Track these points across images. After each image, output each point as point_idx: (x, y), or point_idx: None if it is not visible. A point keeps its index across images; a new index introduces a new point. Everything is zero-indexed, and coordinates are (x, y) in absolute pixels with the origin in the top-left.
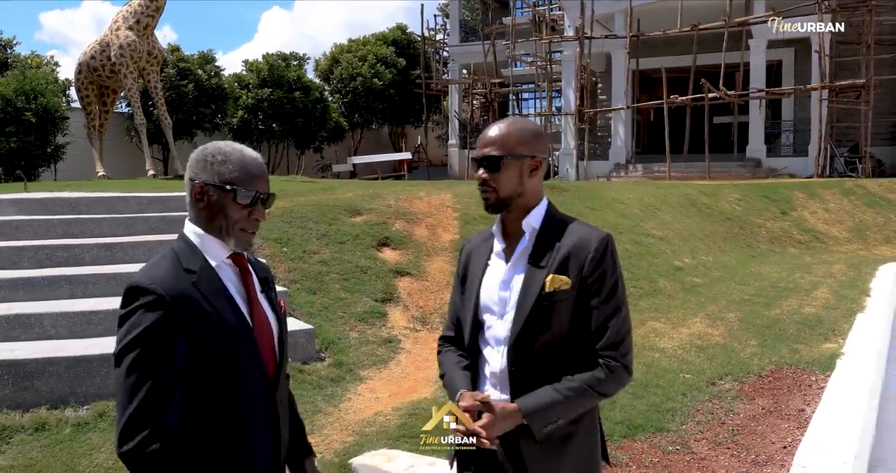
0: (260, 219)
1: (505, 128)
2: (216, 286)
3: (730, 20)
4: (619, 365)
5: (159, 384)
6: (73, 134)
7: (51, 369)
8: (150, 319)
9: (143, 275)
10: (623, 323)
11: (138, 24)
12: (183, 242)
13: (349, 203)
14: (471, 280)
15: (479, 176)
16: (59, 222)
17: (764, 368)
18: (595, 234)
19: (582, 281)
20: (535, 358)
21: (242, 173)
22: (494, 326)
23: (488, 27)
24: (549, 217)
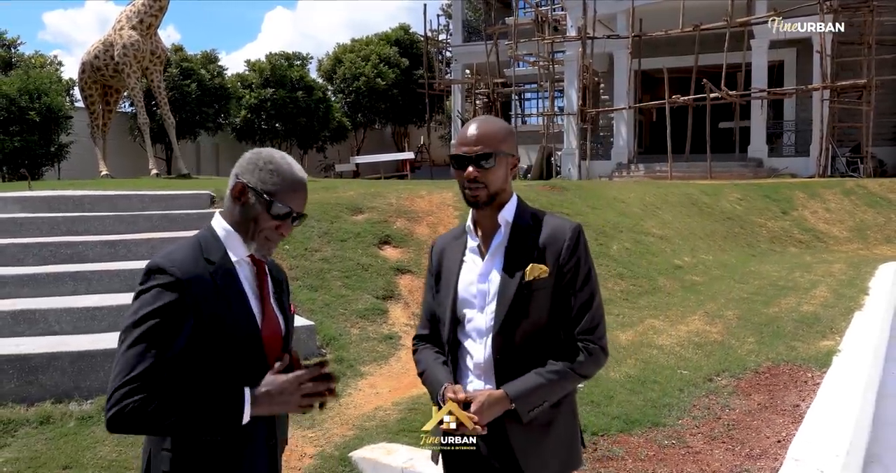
0: (286, 234)
1: (489, 127)
2: (231, 280)
3: (731, 20)
4: (596, 347)
5: (161, 360)
6: (77, 133)
7: (55, 364)
8: (164, 299)
9: (165, 257)
10: (598, 307)
11: (142, 24)
12: (209, 233)
13: (351, 201)
14: (446, 276)
15: (470, 173)
16: (63, 219)
17: (761, 365)
18: (567, 225)
19: (559, 269)
20: (517, 346)
21: (284, 187)
22: (475, 319)
23: (491, 27)
24: (520, 210)
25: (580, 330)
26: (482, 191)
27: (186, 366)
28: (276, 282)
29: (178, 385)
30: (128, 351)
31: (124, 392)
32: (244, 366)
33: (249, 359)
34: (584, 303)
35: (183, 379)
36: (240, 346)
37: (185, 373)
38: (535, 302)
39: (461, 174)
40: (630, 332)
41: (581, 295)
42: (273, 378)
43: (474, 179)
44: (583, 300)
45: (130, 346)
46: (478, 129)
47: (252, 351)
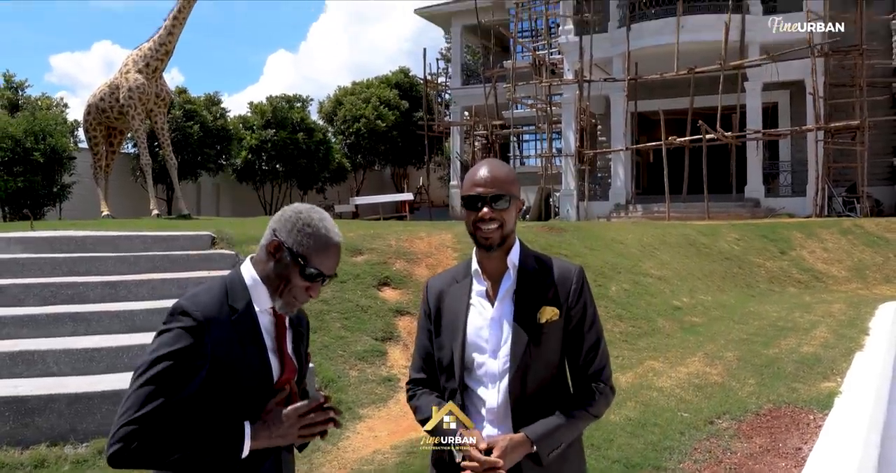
0: (314, 296)
1: (500, 170)
2: (252, 329)
3: (725, 64)
4: (606, 387)
5: (170, 402)
6: (80, 173)
7: (52, 406)
8: (182, 342)
9: (190, 299)
10: (604, 348)
11: (148, 67)
12: (237, 279)
13: (351, 242)
14: (450, 321)
15: (485, 213)
16: (64, 260)
17: (762, 407)
18: (572, 267)
19: (567, 312)
20: (532, 389)
21: (318, 250)
22: (487, 364)
23: (489, 70)
24: (524, 254)
25: (591, 372)
26: (496, 232)
27: (196, 406)
28: (297, 332)
29: (184, 422)
30: (139, 389)
31: (130, 430)
32: (255, 412)
33: (260, 406)
34: (593, 345)
35: (191, 417)
36: (252, 394)
37: (194, 412)
38: (547, 345)
39: (473, 215)
40: (630, 374)
41: (589, 336)
42: (271, 410)
43: (489, 219)
44: (591, 342)
45: (142, 385)
46: (490, 172)
47: (264, 399)
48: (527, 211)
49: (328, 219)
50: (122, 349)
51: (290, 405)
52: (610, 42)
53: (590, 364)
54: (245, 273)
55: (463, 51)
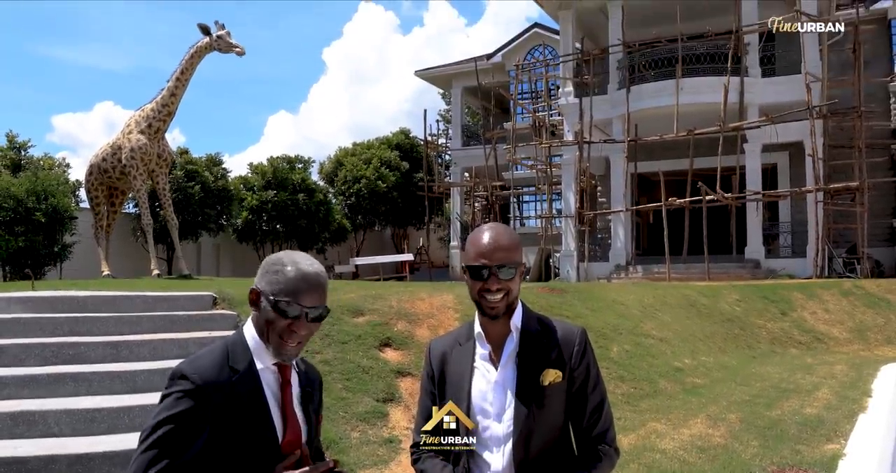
0: (299, 331)
1: (504, 237)
2: (254, 389)
3: (724, 125)
4: (611, 449)
5: (172, 467)
6: (81, 233)
7: (52, 467)
8: (183, 406)
9: (190, 363)
10: (608, 409)
11: (150, 128)
12: (239, 340)
13: (352, 303)
14: (454, 385)
15: (492, 285)
16: (65, 320)
17: (766, 469)
18: (574, 329)
19: (570, 374)
20: (536, 452)
21: (289, 286)
22: (492, 427)
23: (489, 132)
24: (527, 316)
25: (595, 434)
26: (502, 302)
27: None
28: (305, 391)
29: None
30: (141, 454)
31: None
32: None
33: (266, 467)
34: (597, 407)
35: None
36: (257, 457)
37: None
38: (551, 408)
39: (479, 284)
40: (632, 436)
41: (593, 398)
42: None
43: (495, 290)
44: (595, 403)
45: (145, 450)
46: (495, 240)
47: (270, 462)
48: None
49: (299, 255)
50: (123, 409)
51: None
52: (610, 103)
53: (594, 426)
54: (247, 333)
55: (463, 112)
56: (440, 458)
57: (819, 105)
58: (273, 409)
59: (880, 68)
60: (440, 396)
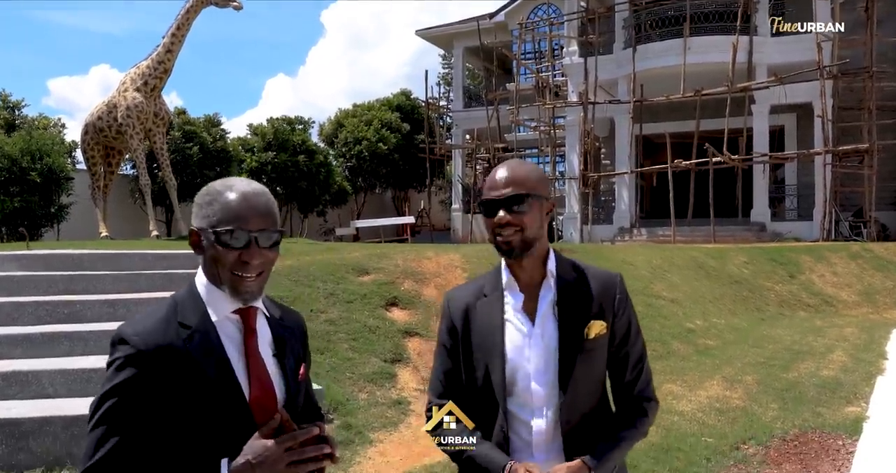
0: (252, 262)
1: (520, 169)
2: (211, 345)
3: (732, 86)
4: (654, 402)
5: (123, 444)
6: (78, 194)
7: (47, 429)
8: (125, 374)
9: (130, 325)
10: (647, 361)
11: (146, 86)
12: (187, 292)
13: (356, 262)
14: (484, 340)
15: (501, 217)
16: (60, 278)
17: (788, 432)
18: (612, 275)
19: (613, 323)
20: (583, 411)
21: (229, 213)
22: (532, 386)
23: (492, 93)
24: (561, 262)
25: (638, 388)
26: (516, 236)
27: (164, 443)
28: (278, 341)
29: (153, 464)
30: (91, 432)
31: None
32: (231, 438)
33: (237, 430)
34: (639, 359)
35: (160, 456)
36: (222, 417)
37: (162, 451)
38: (595, 363)
39: (491, 221)
40: None
41: (634, 350)
42: (254, 443)
43: (506, 224)
44: (637, 355)
45: (93, 428)
46: (508, 172)
47: (238, 420)
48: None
49: (234, 179)
50: None
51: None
52: (615, 63)
53: (636, 379)
54: (198, 283)
55: (464, 73)
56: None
57: (830, 65)
58: (237, 364)
59: (892, 28)
60: (466, 353)
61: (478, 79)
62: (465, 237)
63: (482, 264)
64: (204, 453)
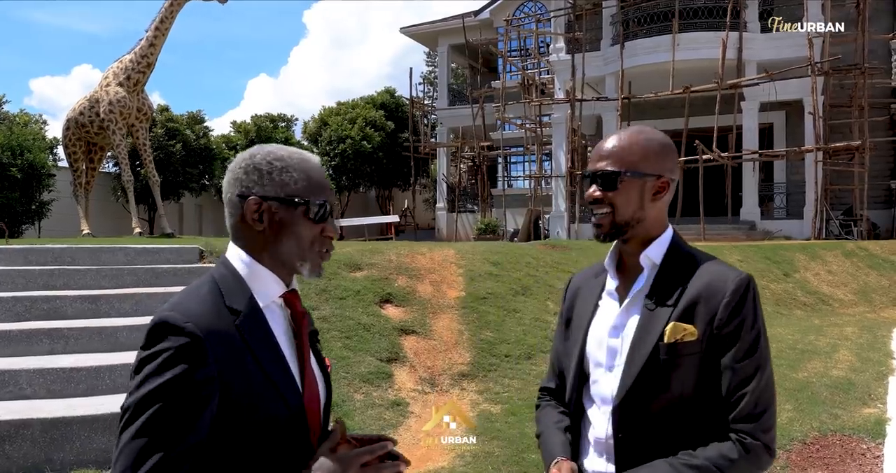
0: (332, 237)
1: (627, 139)
2: (264, 333)
3: (722, 83)
4: (758, 443)
5: (175, 456)
6: (59, 191)
7: (24, 432)
8: (179, 368)
9: (176, 309)
10: (766, 388)
11: (129, 80)
12: (227, 271)
13: (348, 258)
14: (577, 323)
15: (590, 194)
16: (39, 273)
17: (807, 435)
18: (732, 274)
19: (713, 332)
20: (646, 424)
21: (310, 181)
22: (601, 381)
23: (477, 91)
24: (673, 250)
25: (737, 417)
26: (606, 217)
27: (213, 454)
28: (311, 333)
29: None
30: (131, 442)
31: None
32: (285, 449)
33: (290, 435)
34: (745, 380)
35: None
36: (278, 419)
37: (210, 463)
38: (676, 372)
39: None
40: None
41: (742, 368)
42: (325, 461)
43: (595, 201)
44: (744, 375)
45: (134, 437)
46: (613, 141)
47: (292, 423)
48: (515, 233)
49: (290, 147)
50: (103, 369)
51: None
52: (603, 60)
53: (736, 405)
54: (235, 260)
55: (449, 71)
56: (560, 409)
57: (821, 61)
58: (288, 356)
59: (881, 25)
60: (566, 338)
61: (461, 78)
62: (449, 236)
63: (478, 260)
64: (256, 463)
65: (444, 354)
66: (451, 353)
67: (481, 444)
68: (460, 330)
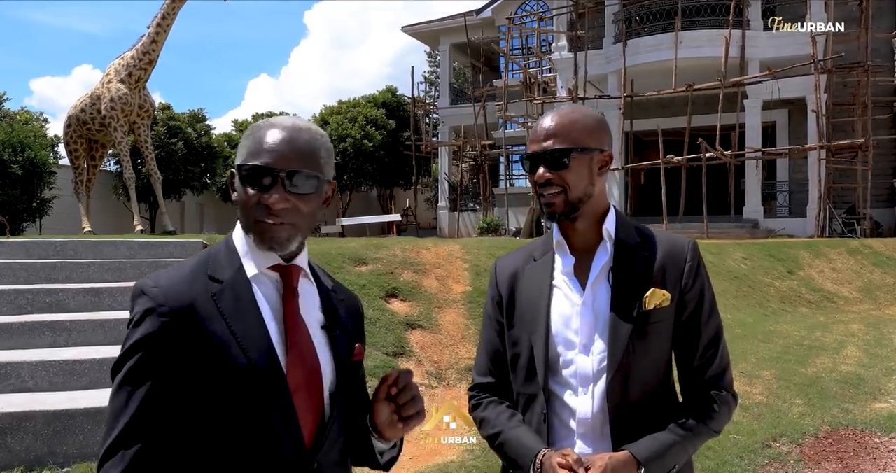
0: (272, 206)
1: (567, 116)
2: (243, 302)
3: (725, 81)
4: (728, 394)
5: (147, 408)
6: (61, 188)
7: (27, 425)
8: (143, 329)
9: (152, 277)
10: (725, 346)
11: (130, 77)
12: (223, 245)
13: (354, 252)
14: (527, 308)
15: (541, 175)
16: (42, 266)
17: (819, 429)
18: (683, 240)
19: (680, 297)
20: (636, 395)
21: (256, 146)
22: (577, 362)
23: (478, 89)
24: (622, 223)
25: (710, 376)
26: (559, 196)
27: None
28: (329, 309)
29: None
30: (112, 400)
31: (110, 462)
32: (263, 414)
33: (269, 405)
34: (712, 341)
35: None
36: (254, 386)
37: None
38: (654, 339)
39: (532, 178)
40: None
41: (707, 329)
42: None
43: (546, 182)
44: (709, 336)
45: (114, 394)
46: (553, 121)
47: (272, 394)
48: (517, 231)
49: (287, 118)
50: (105, 361)
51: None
52: (605, 58)
53: (708, 364)
54: (235, 236)
55: (451, 70)
56: (506, 404)
57: (824, 59)
58: (273, 329)
59: (884, 23)
60: (509, 325)
61: (462, 78)
62: (451, 235)
63: (483, 255)
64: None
65: (451, 348)
66: (458, 347)
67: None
68: (466, 325)
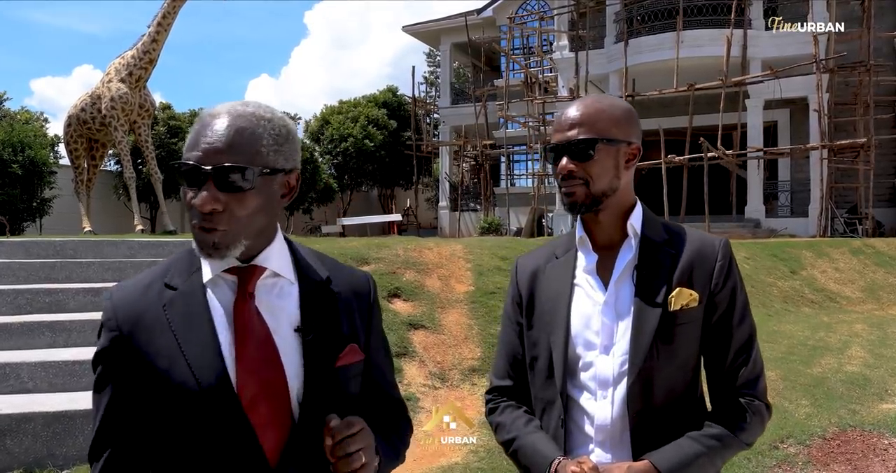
0: (200, 207)
1: (594, 106)
2: (195, 311)
3: (726, 80)
4: (761, 404)
5: (111, 419)
6: (61, 188)
7: (26, 427)
8: (100, 343)
9: (119, 283)
10: (758, 350)
11: (131, 77)
12: (186, 250)
13: (356, 252)
14: (547, 306)
15: (564, 167)
16: (41, 266)
17: (826, 430)
18: (715, 239)
19: (709, 298)
20: (659, 400)
21: (190, 141)
22: (598, 364)
23: (479, 89)
24: (649, 219)
25: (742, 382)
26: (580, 187)
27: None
28: (309, 309)
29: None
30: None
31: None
32: (214, 432)
33: (219, 421)
34: (744, 345)
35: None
36: (201, 401)
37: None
38: (681, 342)
39: (555, 170)
40: None
41: (739, 333)
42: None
43: (569, 174)
44: (742, 340)
45: (92, 400)
46: (578, 109)
47: (221, 408)
48: (518, 231)
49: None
50: None
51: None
52: (606, 58)
53: (739, 370)
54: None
55: (451, 70)
56: (523, 409)
57: (826, 58)
58: (224, 338)
59: (886, 22)
60: (528, 325)
61: (462, 78)
62: (452, 235)
63: (485, 255)
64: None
65: (454, 349)
66: (461, 348)
67: (495, 440)
68: (469, 325)
